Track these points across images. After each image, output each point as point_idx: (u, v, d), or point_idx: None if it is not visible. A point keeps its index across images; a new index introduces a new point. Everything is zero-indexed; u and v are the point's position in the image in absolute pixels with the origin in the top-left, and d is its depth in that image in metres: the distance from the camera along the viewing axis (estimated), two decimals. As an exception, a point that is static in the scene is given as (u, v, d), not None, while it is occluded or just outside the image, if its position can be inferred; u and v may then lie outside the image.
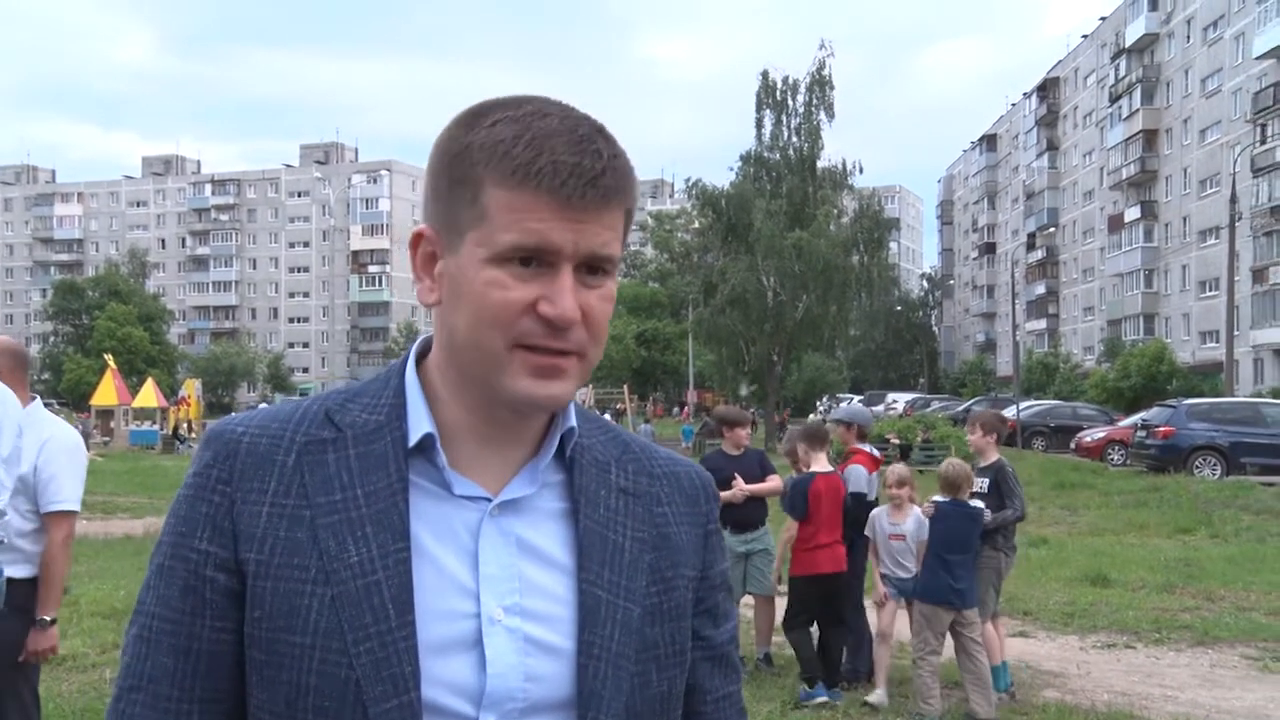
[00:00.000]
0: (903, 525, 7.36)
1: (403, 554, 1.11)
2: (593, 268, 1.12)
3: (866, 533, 7.54)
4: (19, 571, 4.08)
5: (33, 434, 4.05)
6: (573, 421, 1.21)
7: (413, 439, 1.16)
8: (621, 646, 1.17)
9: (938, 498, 7.16)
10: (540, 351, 1.11)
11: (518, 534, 1.16)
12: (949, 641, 7.06)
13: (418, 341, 1.25)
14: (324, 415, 1.19)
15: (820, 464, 7.69)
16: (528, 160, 1.08)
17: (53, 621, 4.26)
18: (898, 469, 7.96)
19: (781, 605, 8.10)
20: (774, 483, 8.18)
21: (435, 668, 1.10)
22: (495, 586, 1.13)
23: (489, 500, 1.16)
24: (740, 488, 7.94)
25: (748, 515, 8.10)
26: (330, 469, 1.14)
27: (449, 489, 1.16)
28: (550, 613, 1.15)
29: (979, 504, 7.21)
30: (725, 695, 1.32)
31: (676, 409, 70.10)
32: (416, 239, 1.18)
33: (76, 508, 4.33)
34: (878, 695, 7.17)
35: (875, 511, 7.59)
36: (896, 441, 26.48)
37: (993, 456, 7.72)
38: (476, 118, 1.14)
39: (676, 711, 1.24)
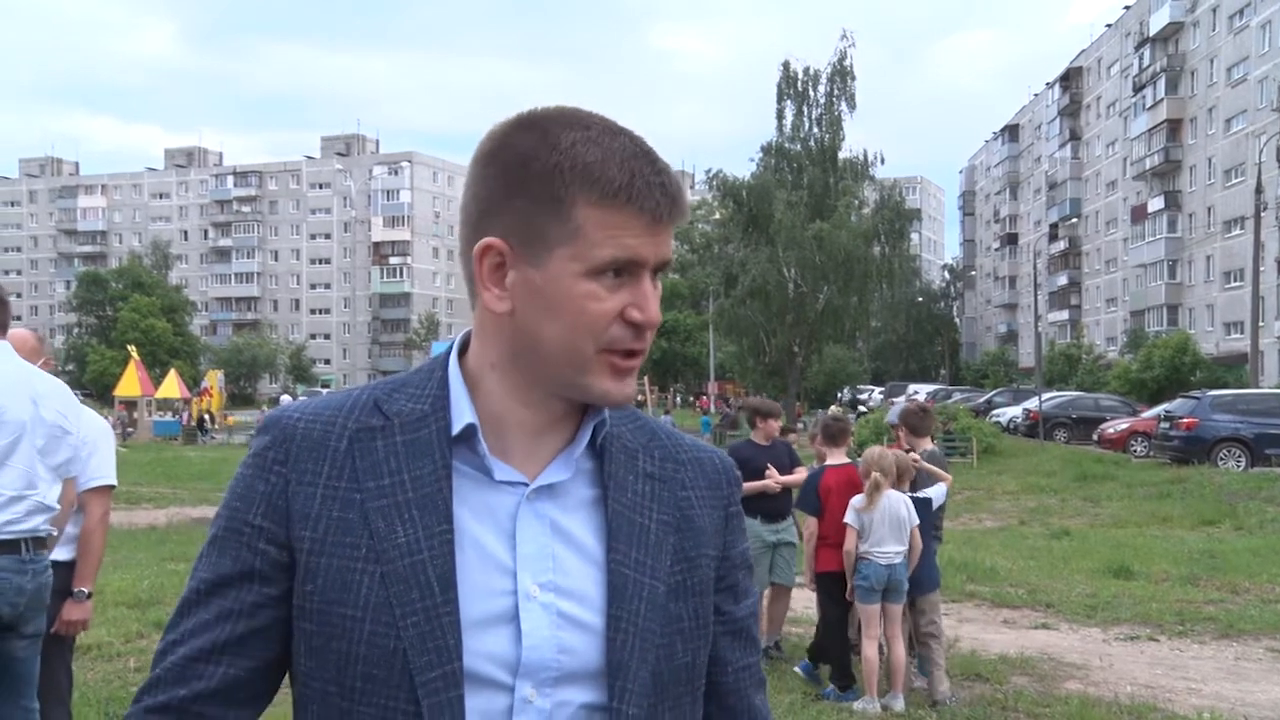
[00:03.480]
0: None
1: (446, 535, 1.20)
2: (657, 271, 1.24)
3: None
4: (58, 554, 4.17)
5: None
6: (604, 413, 1.29)
7: (456, 428, 1.24)
8: (647, 621, 1.24)
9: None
10: (621, 354, 1.22)
11: (552, 517, 1.24)
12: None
13: (458, 337, 1.34)
14: (373, 404, 1.27)
15: (836, 458, 7.66)
16: (625, 182, 1.18)
17: (89, 595, 4.34)
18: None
19: (798, 595, 8.08)
20: (802, 474, 8.23)
21: (476, 640, 1.18)
22: (531, 565, 1.21)
23: (526, 485, 1.24)
24: (775, 478, 8.02)
25: (778, 506, 8.16)
26: (379, 455, 1.23)
27: (489, 475, 1.24)
28: (581, 590, 1.23)
29: (929, 493, 7.46)
30: (745, 666, 1.40)
31: (692, 399, 69.83)
32: (485, 251, 1.23)
33: (114, 482, 4.51)
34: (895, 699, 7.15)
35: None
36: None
37: (921, 448, 7.94)
38: (546, 134, 1.21)
39: (700, 681, 1.33)
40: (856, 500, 7.07)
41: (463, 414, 1.24)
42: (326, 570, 1.19)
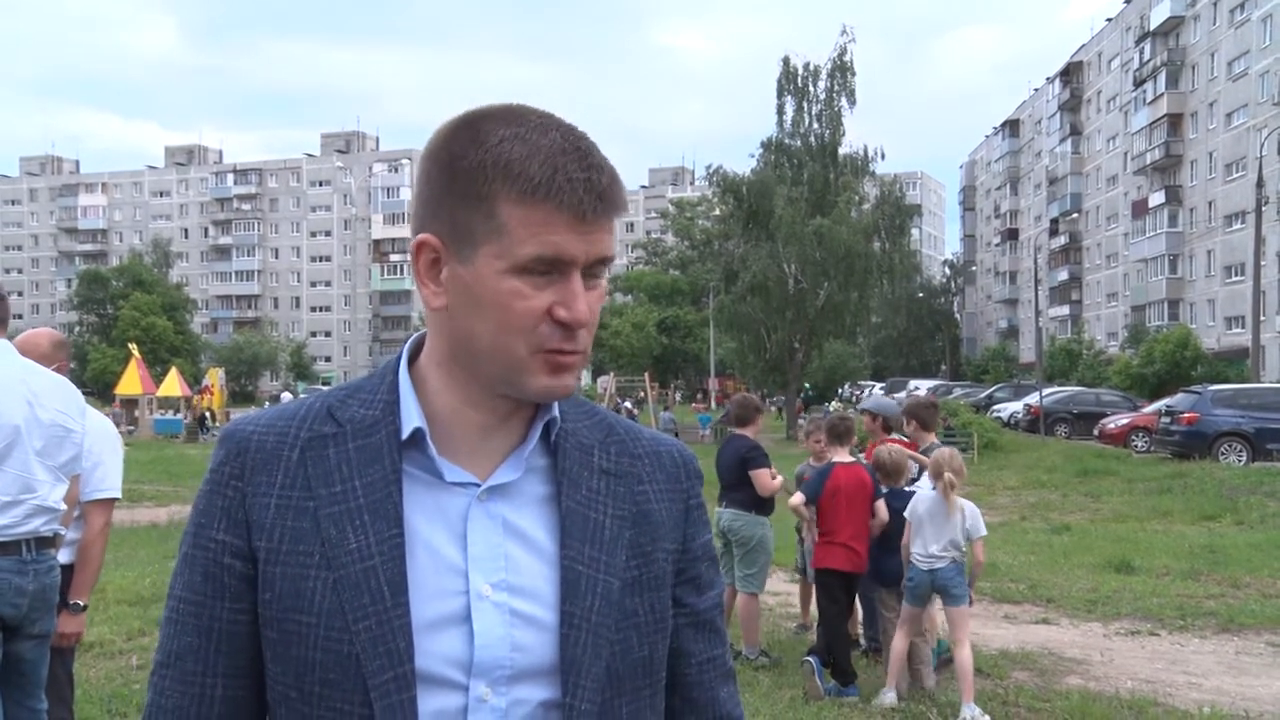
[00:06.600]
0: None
1: (396, 539, 1.21)
2: (595, 270, 1.22)
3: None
4: (58, 557, 4.12)
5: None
6: (554, 411, 1.30)
7: (405, 433, 1.25)
8: (601, 617, 1.25)
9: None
10: (557, 354, 1.21)
11: (504, 516, 1.26)
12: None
13: (409, 340, 1.34)
14: (326, 411, 1.29)
15: (841, 456, 7.68)
16: (545, 178, 1.17)
17: (84, 607, 4.30)
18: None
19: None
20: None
21: (428, 641, 1.20)
22: (483, 565, 1.23)
23: (478, 486, 1.25)
24: (779, 479, 8.27)
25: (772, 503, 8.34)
26: (331, 462, 1.25)
27: (440, 477, 1.25)
28: (534, 588, 1.24)
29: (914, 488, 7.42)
30: (709, 659, 1.40)
31: (699, 395, 69.71)
32: (419, 247, 1.24)
33: (119, 495, 4.45)
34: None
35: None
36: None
37: (927, 441, 7.92)
38: (477, 132, 1.21)
39: (659, 675, 1.33)
40: (923, 496, 6.99)
41: (411, 418, 1.25)
42: (282, 579, 1.21)
